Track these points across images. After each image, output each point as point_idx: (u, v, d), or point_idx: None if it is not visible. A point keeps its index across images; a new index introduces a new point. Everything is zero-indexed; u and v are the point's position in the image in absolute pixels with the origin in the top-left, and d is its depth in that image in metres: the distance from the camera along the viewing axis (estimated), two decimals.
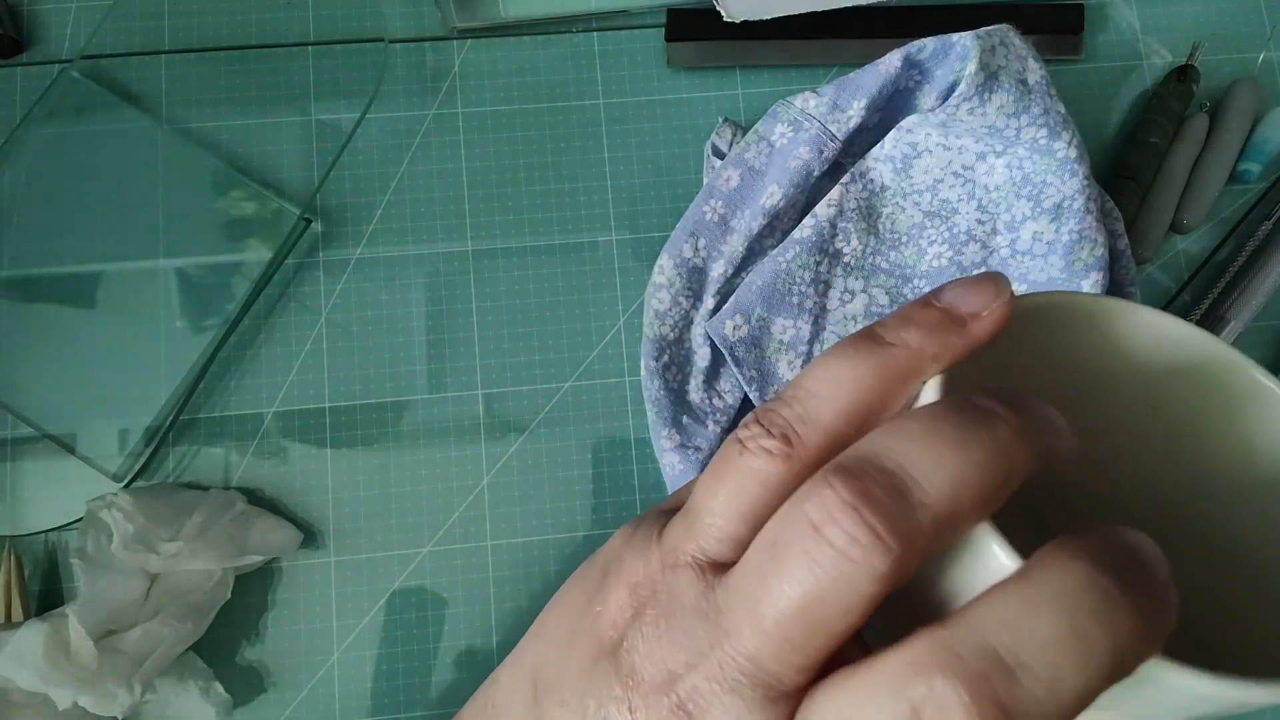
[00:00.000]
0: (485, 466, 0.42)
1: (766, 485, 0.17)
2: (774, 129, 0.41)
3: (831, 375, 0.17)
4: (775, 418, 0.17)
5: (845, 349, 0.18)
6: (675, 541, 0.18)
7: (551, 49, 0.46)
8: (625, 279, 0.44)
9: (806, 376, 0.18)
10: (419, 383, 0.43)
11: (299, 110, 0.45)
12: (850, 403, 0.17)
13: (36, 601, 0.40)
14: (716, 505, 0.17)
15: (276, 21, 0.45)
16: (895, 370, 0.17)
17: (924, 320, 0.18)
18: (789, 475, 0.17)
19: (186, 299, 0.42)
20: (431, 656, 0.40)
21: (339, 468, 0.42)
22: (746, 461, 0.17)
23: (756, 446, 0.17)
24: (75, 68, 0.44)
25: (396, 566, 0.41)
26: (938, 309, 0.18)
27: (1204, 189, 0.45)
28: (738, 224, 0.41)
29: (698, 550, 0.18)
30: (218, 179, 0.43)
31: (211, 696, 0.38)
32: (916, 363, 0.17)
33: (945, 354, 0.17)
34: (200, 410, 0.42)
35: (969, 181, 0.41)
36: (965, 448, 0.15)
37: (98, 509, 0.38)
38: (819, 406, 0.17)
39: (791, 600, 0.15)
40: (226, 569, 0.38)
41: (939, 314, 0.18)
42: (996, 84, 0.37)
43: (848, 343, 0.18)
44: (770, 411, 0.18)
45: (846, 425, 0.17)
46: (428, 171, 0.45)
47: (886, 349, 0.17)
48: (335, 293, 0.43)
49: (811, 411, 0.17)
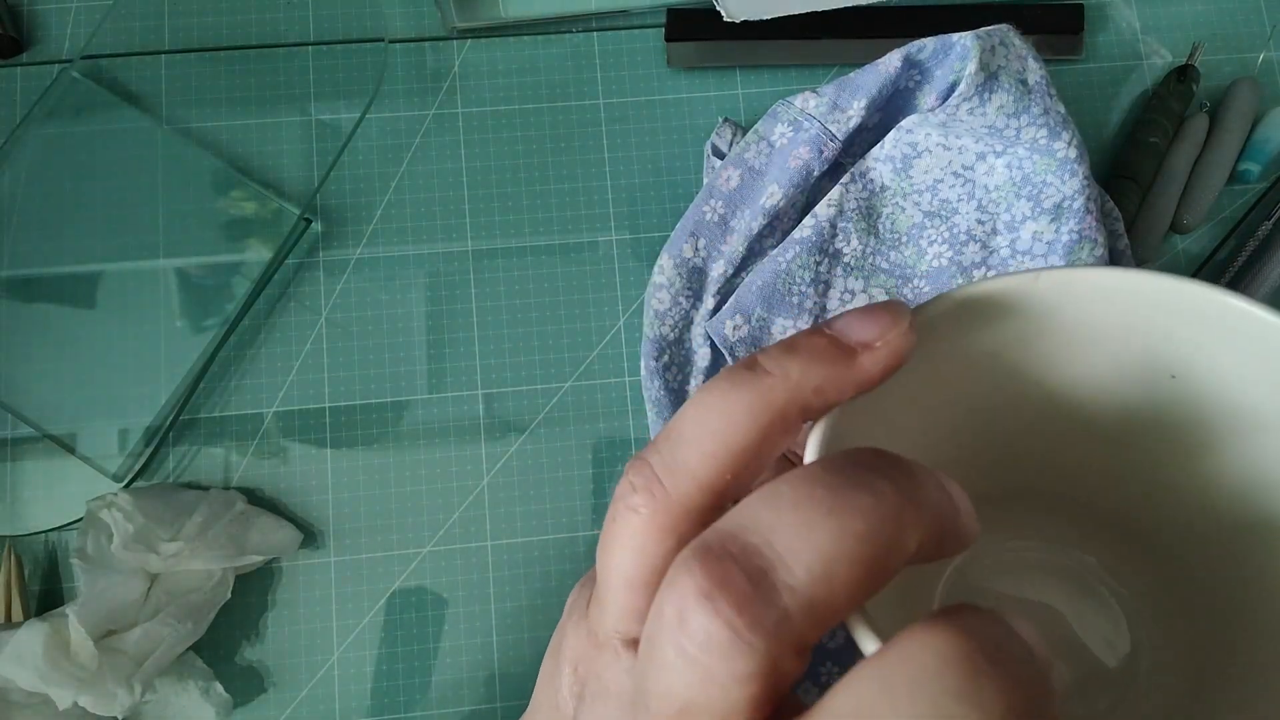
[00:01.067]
0: (485, 466, 0.42)
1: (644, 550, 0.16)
2: (774, 129, 0.41)
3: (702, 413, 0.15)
4: (642, 468, 0.16)
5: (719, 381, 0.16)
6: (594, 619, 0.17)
7: (551, 49, 0.46)
8: (625, 279, 0.44)
9: (678, 416, 0.16)
10: (419, 383, 0.43)
11: (299, 110, 0.45)
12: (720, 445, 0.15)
13: (36, 601, 0.40)
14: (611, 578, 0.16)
15: (276, 21, 0.45)
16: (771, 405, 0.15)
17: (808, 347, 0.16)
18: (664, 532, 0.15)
19: (186, 299, 0.42)
20: (431, 656, 0.40)
21: (339, 468, 0.42)
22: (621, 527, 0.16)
23: (624, 508, 0.16)
24: (75, 68, 0.44)
25: (396, 566, 0.41)
26: (825, 336, 0.16)
27: (1204, 189, 0.45)
28: (738, 224, 0.41)
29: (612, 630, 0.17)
30: (218, 179, 0.43)
31: (211, 696, 0.38)
32: (795, 395, 0.15)
33: (830, 389, 0.16)
34: (200, 410, 0.42)
35: (969, 181, 0.41)
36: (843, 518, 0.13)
37: (98, 509, 0.38)
38: (686, 452, 0.15)
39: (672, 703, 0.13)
40: (226, 569, 0.38)
41: (826, 341, 0.16)
42: (996, 84, 0.37)
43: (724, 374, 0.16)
44: (638, 460, 0.16)
45: (720, 470, 0.15)
46: (428, 171, 0.45)
47: (763, 380, 0.15)
48: (335, 293, 0.43)
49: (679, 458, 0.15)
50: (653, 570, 0.16)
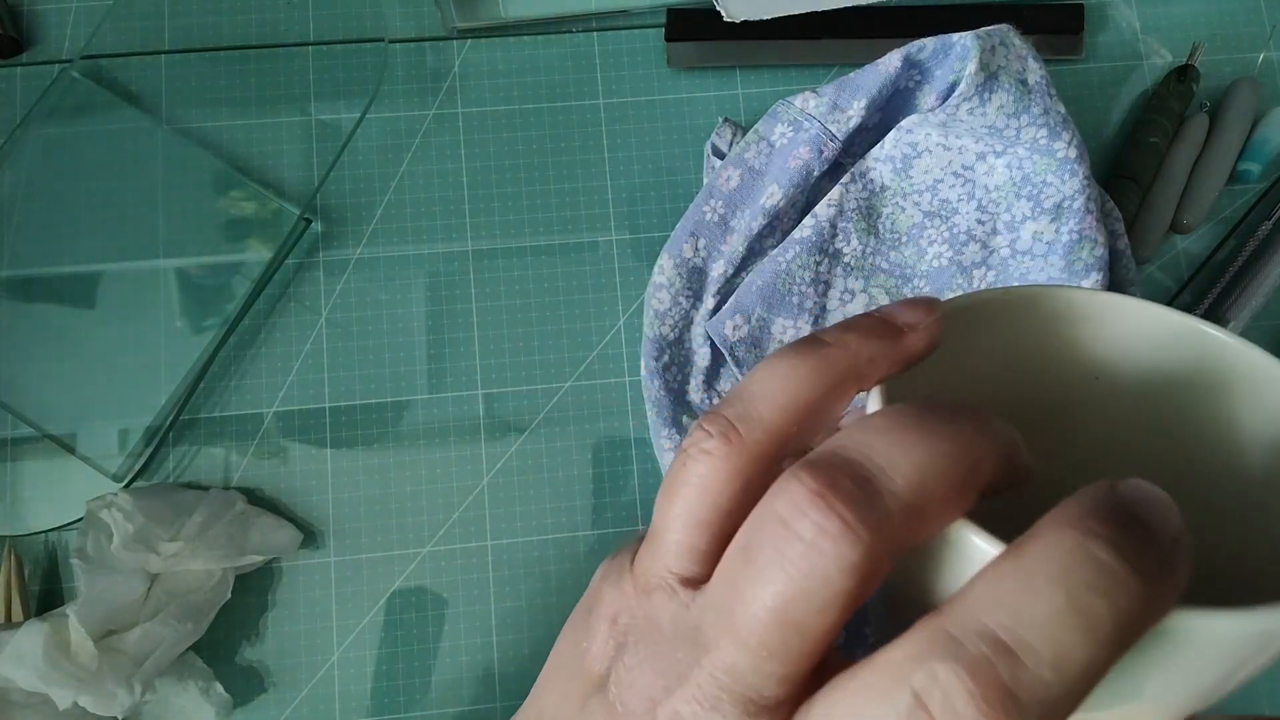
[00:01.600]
0: (485, 466, 0.42)
1: (714, 489, 0.17)
2: (774, 129, 0.41)
3: (771, 374, 0.18)
4: (716, 419, 0.17)
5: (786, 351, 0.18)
6: (644, 566, 0.18)
7: (551, 49, 0.46)
8: (625, 279, 0.44)
9: (748, 378, 0.18)
10: (419, 383, 0.43)
11: (299, 110, 0.45)
12: (790, 399, 0.17)
13: (36, 602, 0.40)
14: (673, 520, 0.17)
15: (276, 21, 0.45)
16: (834, 368, 0.17)
17: (862, 325, 0.18)
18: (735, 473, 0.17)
19: (186, 299, 0.42)
20: (431, 656, 0.40)
21: (339, 468, 0.42)
22: (691, 470, 0.17)
23: (697, 451, 0.17)
24: (75, 68, 0.44)
25: (396, 566, 0.41)
26: (876, 317, 0.18)
27: (1204, 189, 0.45)
28: (738, 224, 0.41)
29: (666, 570, 0.17)
30: (218, 179, 0.43)
31: (211, 697, 0.38)
32: (854, 363, 0.18)
33: (882, 360, 0.18)
34: (200, 410, 0.42)
35: (969, 181, 0.41)
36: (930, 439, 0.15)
37: (98, 509, 0.38)
38: (759, 404, 0.17)
39: (764, 603, 0.14)
40: (226, 569, 0.38)
41: (877, 321, 0.18)
42: (996, 84, 0.37)
43: (790, 345, 0.18)
44: (712, 414, 0.18)
45: (788, 421, 0.17)
46: (428, 171, 0.45)
47: (827, 349, 0.18)
48: (335, 293, 0.43)
49: (752, 409, 0.17)
50: (719, 511, 0.17)
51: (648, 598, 0.17)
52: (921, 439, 0.15)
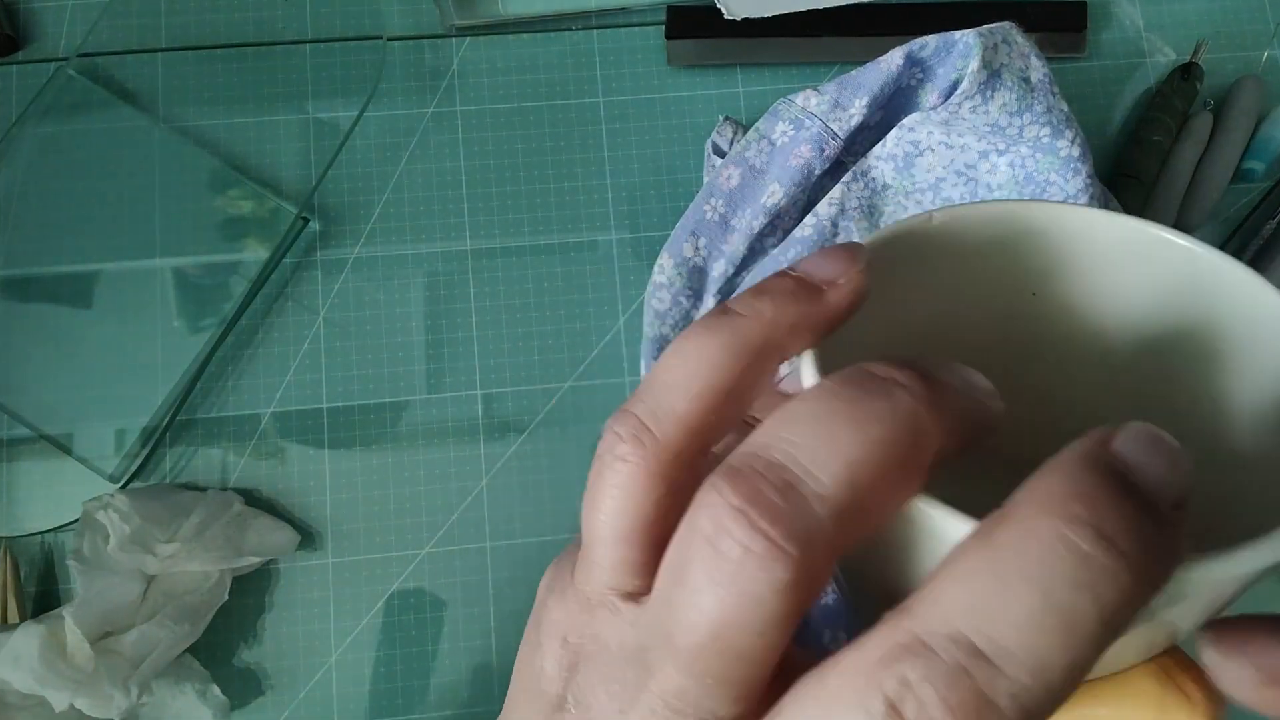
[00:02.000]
0: (485, 466, 0.42)
1: (635, 498, 0.16)
2: (775, 127, 0.41)
3: (681, 359, 0.16)
4: (627, 420, 0.16)
5: (695, 328, 0.16)
6: (582, 580, 0.17)
7: (551, 47, 0.46)
8: (625, 279, 0.44)
9: (658, 365, 0.16)
10: (418, 383, 0.42)
11: (296, 108, 0.44)
12: (703, 386, 0.16)
13: (33, 603, 0.40)
14: (600, 535, 0.16)
15: (274, 19, 0.45)
16: (749, 343, 0.16)
17: (776, 288, 0.16)
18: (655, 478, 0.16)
19: (183, 298, 0.42)
20: (430, 658, 0.40)
21: (337, 468, 0.42)
22: (609, 480, 0.16)
23: (612, 459, 0.16)
24: (71, 66, 0.43)
25: (395, 568, 0.41)
26: (792, 277, 0.17)
27: (1208, 187, 0.44)
28: (739, 223, 0.41)
29: (604, 587, 0.16)
30: (215, 178, 0.43)
31: (208, 699, 0.38)
32: (772, 333, 0.16)
33: (804, 326, 0.16)
34: (197, 410, 0.42)
35: (971, 180, 0.40)
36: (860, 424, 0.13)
37: (94, 510, 0.38)
38: (669, 396, 0.16)
39: (701, 630, 0.13)
40: (224, 570, 0.38)
41: (793, 282, 0.16)
42: (999, 82, 0.37)
43: (698, 322, 0.16)
44: (622, 414, 0.16)
45: (703, 410, 0.16)
46: (426, 170, 0.44)
47: (738, 321, 0.16)
48: (333, 292, 0.43)
49: (663, 403, 0.16)
50: (645, 519, 0.16)
51: (592, 616, 0.17)
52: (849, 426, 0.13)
